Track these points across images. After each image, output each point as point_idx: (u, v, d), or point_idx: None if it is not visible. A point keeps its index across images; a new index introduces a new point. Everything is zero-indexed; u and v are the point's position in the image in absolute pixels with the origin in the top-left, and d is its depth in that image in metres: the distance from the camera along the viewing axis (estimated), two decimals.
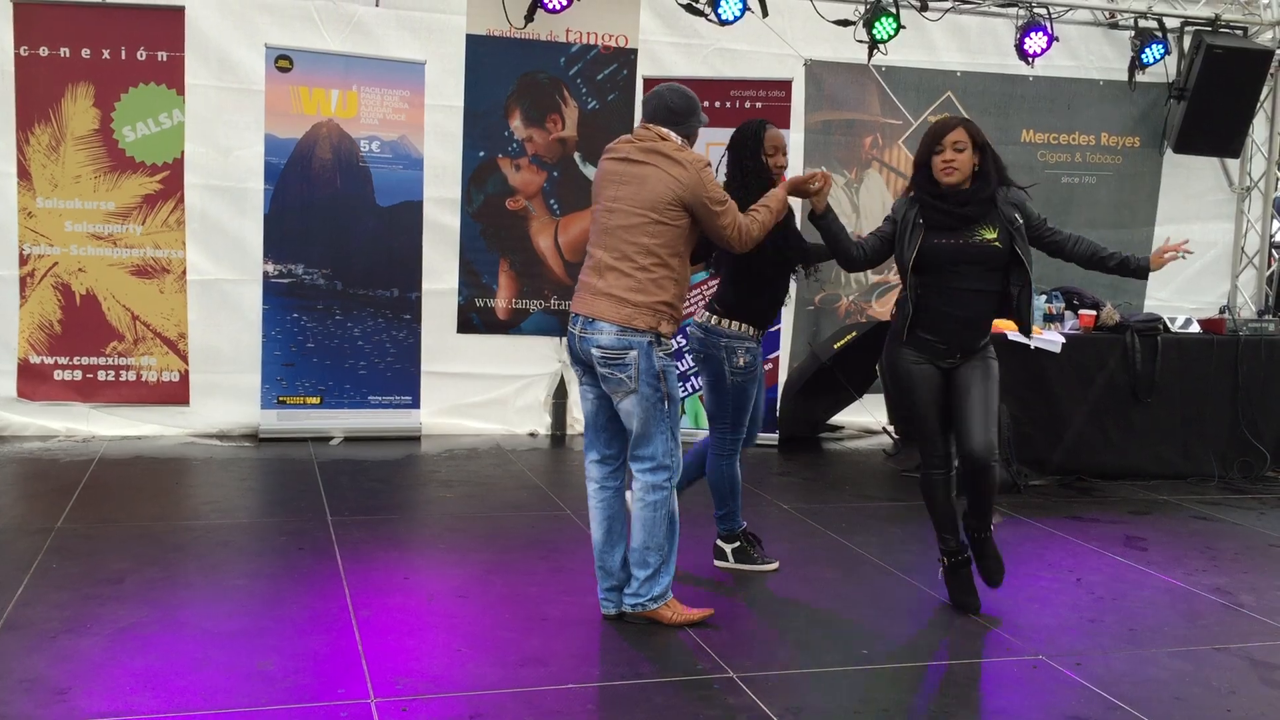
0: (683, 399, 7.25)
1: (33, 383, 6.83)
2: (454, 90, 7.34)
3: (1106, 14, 8.38)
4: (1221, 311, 7.86)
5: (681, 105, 4.10)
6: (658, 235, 3.97)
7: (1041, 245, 4.36)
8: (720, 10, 7.14)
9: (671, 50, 7.74)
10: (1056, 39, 7.86)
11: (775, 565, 4.86)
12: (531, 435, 7.61)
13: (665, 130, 4.07)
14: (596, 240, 4.10)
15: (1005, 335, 6.61)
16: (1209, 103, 8.32)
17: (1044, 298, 7.06)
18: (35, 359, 6.82)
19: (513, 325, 7.61)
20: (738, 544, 4.84)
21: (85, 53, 6.71)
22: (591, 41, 7.49)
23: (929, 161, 4.24)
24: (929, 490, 4.43)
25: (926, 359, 4.31)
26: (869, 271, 8.29)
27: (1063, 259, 4.42)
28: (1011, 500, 6.28)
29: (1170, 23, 8.28)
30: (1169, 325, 7.03)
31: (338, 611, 4.14)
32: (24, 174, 6.71)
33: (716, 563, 4.85)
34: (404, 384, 7.34)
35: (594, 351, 3.99)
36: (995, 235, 4.22)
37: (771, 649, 4.00)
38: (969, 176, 4.24)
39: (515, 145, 7.47)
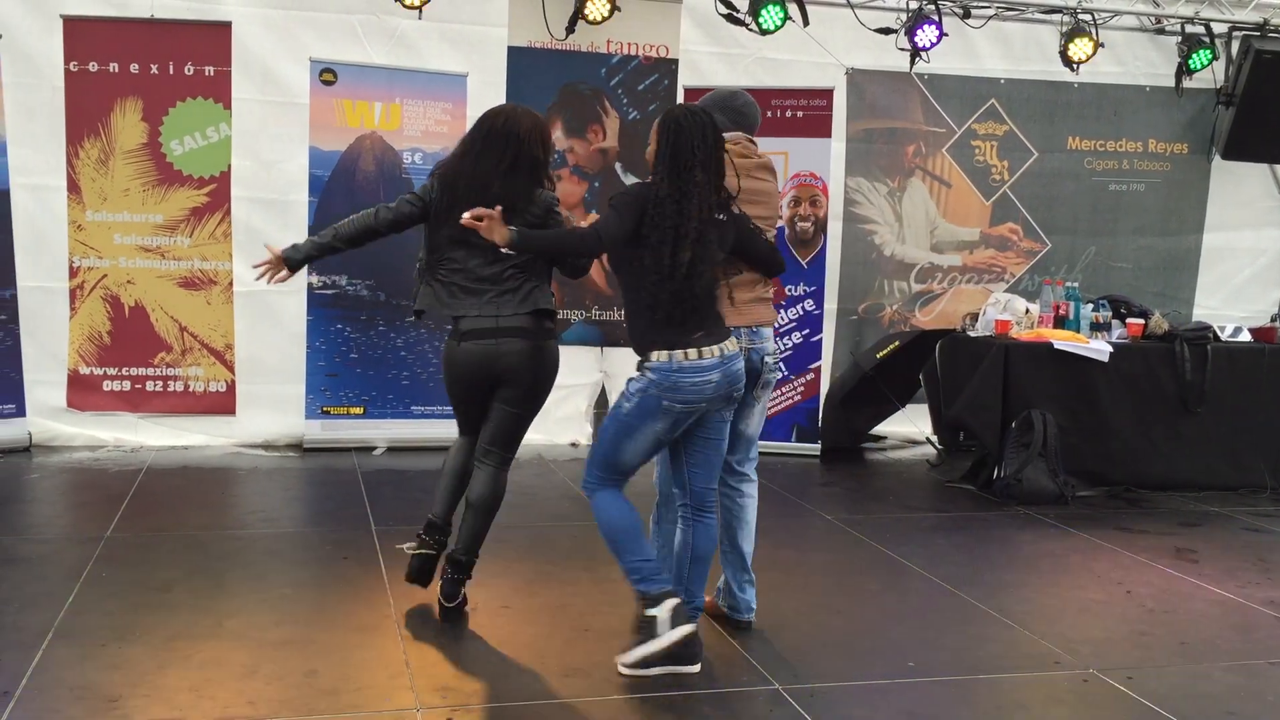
0: None
1: (82, 393, 6.92)
2: (495, 101, 7.22)
3: (1153, 20, 8.29)
4: (1273, 320, 7.73)
5: None
6: None
7: None
8: (761, 20, 7.13)
9: (713, 60, 7.74)
10: (1102, 45, 7.78)
11: None
12: (573, 445, 7.61)
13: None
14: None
15: (1052, 344, 6.57)
16: (1258, 108, 8.21)
17: (1091, 306, 6.99)
18: (85, 370, 6.92)
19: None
20: None
21: (134, 68, 6.80)
22: (632, 52, 7.50)
23: None
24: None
25: None
26: (913, 280, 8.26)
27: None
28: (1059, 512, 6.21)
29: (1218, 28, 8.17)
30: (1219, 334, 6.93)
31: (382, 621, 4.16)
32: (74, 187, 6.81)
33: None
34: (446, 394, 7.34)
35: (768, 360, 4.08)
36: None
37: (816, 661, 3.97)
38: None
39: (556, 156, 7.48)
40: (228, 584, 4.54)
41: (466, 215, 3.64)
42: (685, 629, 3.65)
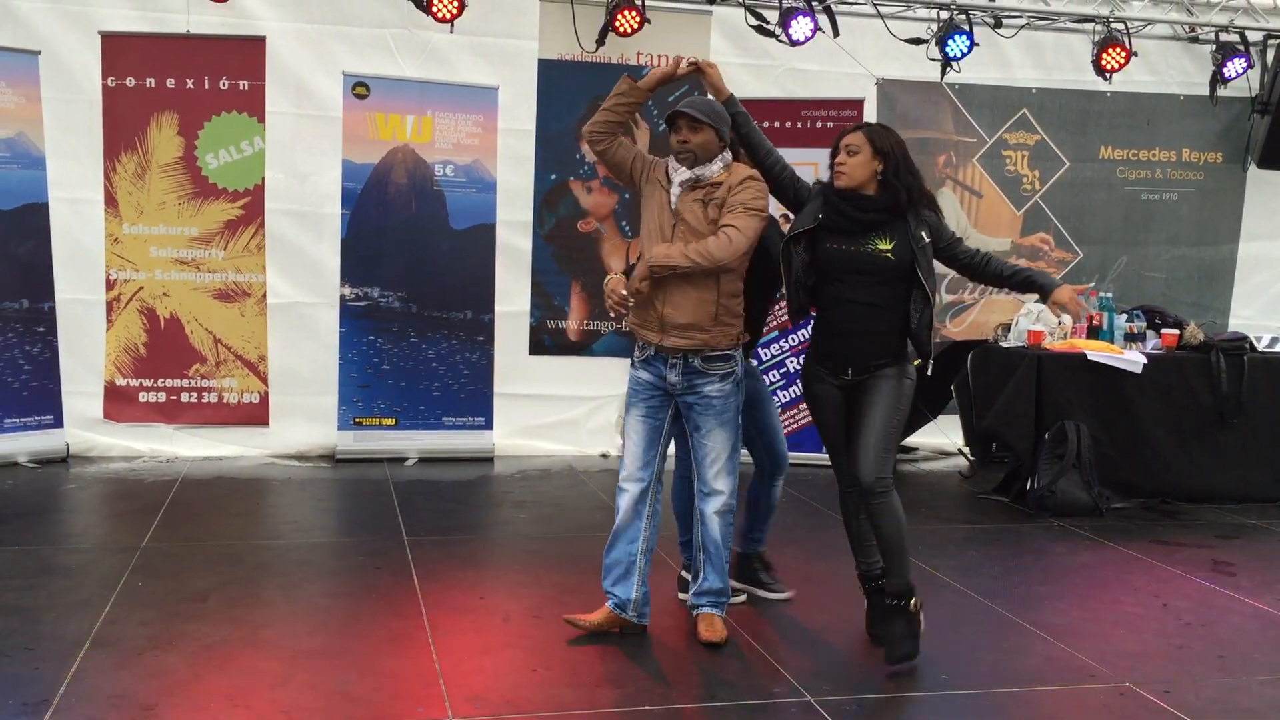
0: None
1: (118, 404, 7.00)
2: (526, 114, 7.40)
3: (1186, 28, 8.23)
4: None
5: None
6: None
7: (954, 265, 4.15)
8: (791, 30, 7.13)
9: (742, 71, 7.73)
10: (1135, 54, 7.73)
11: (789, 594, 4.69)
12: (603, 456, 7.62)
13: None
14: None
15: (1085, 355, 6.52)
16: None
17: (1125, 316, 6.94)
18: (121, 381, 6.99)
19: (584, 347, 7.64)
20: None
21: (170, 82, 6.88)
22: (662, 64, 7.51)
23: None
24: (842, 510, 4.28)
25: (828, 376, 4.09)
26: (944, 291, 8.22)
27: (971, 279, 4.35)
28: (1094, 523, 6.15)
29: (1253, 36, 8.10)
30: (1255, 344, 6.86)
31: (415, 631, 4.17)
32: (111, 201, 6.89)
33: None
34: (477, 405, 7.40)
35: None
36: (891, 247, 3.95)
37: (849, 673, 3.95)
38: (867, 183, 4.01)
39: (587, 168, 7.51)
40: (262, 594, 4.57)
41: None
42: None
